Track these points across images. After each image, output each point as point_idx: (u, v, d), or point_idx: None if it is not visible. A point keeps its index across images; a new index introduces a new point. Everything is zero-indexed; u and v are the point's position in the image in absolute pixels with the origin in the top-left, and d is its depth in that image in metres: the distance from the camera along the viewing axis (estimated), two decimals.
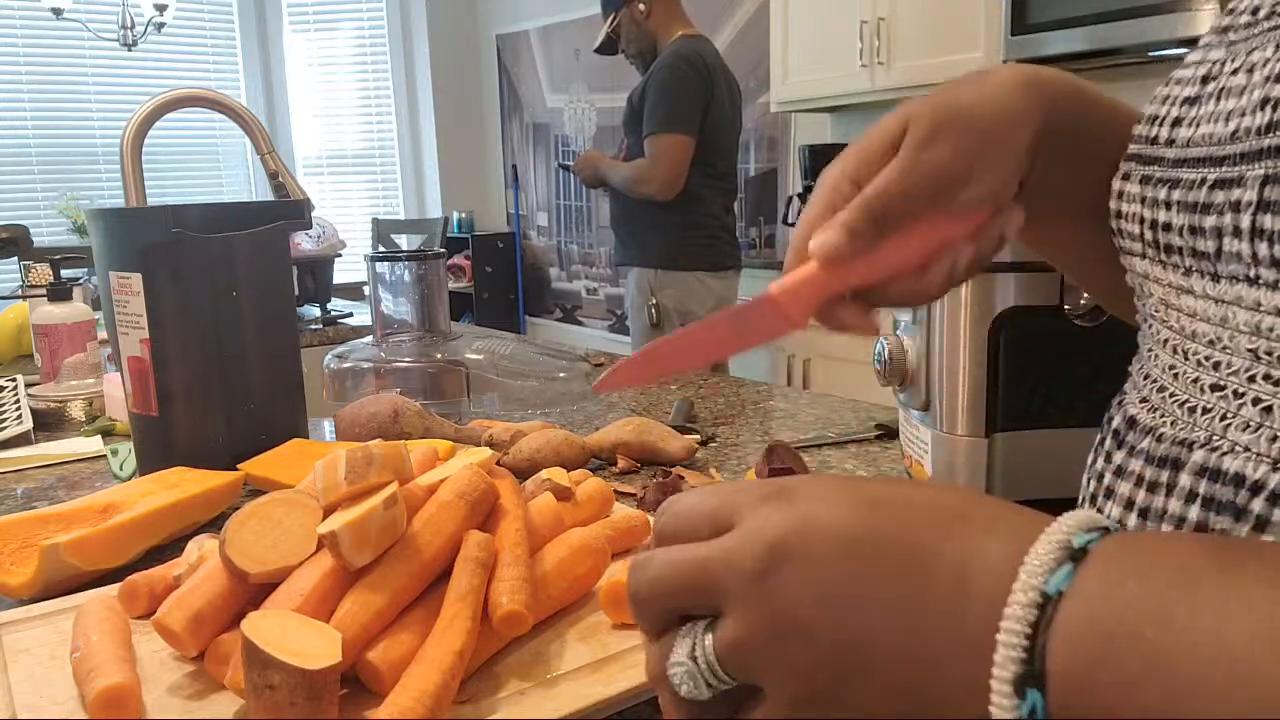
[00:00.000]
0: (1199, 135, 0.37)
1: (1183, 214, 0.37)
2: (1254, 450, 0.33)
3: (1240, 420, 0.34)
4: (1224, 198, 0.34)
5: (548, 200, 5.49)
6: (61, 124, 4.91)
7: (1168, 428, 0.38)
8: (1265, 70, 0.34)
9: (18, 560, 0.71)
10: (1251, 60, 0.35)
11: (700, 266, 2.69)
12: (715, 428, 1.13)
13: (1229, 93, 0.36)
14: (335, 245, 2.44)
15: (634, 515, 0.73)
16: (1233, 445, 0.34)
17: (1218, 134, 0.36)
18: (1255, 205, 0.32)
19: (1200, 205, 0.36)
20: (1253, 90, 0.34)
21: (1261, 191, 0.32)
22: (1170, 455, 0.37)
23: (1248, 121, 0.34)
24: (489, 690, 0.53)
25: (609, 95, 4.81)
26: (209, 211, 0.94)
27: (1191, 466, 0.35)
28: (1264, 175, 0.32)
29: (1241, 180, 0.34)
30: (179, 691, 0.54)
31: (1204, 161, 0.36)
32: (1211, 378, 0.36)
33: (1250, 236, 0.33)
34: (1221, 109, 0.36)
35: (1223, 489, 0.34)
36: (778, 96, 3.59)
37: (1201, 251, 0.36)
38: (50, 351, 1.37)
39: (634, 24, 2.71)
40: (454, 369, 1.25)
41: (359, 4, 5.55)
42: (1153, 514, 0.37)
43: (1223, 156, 0.35)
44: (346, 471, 0.57)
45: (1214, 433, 0.35)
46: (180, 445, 0.94)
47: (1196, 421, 0.36)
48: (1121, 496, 0.39)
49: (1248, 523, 0.33)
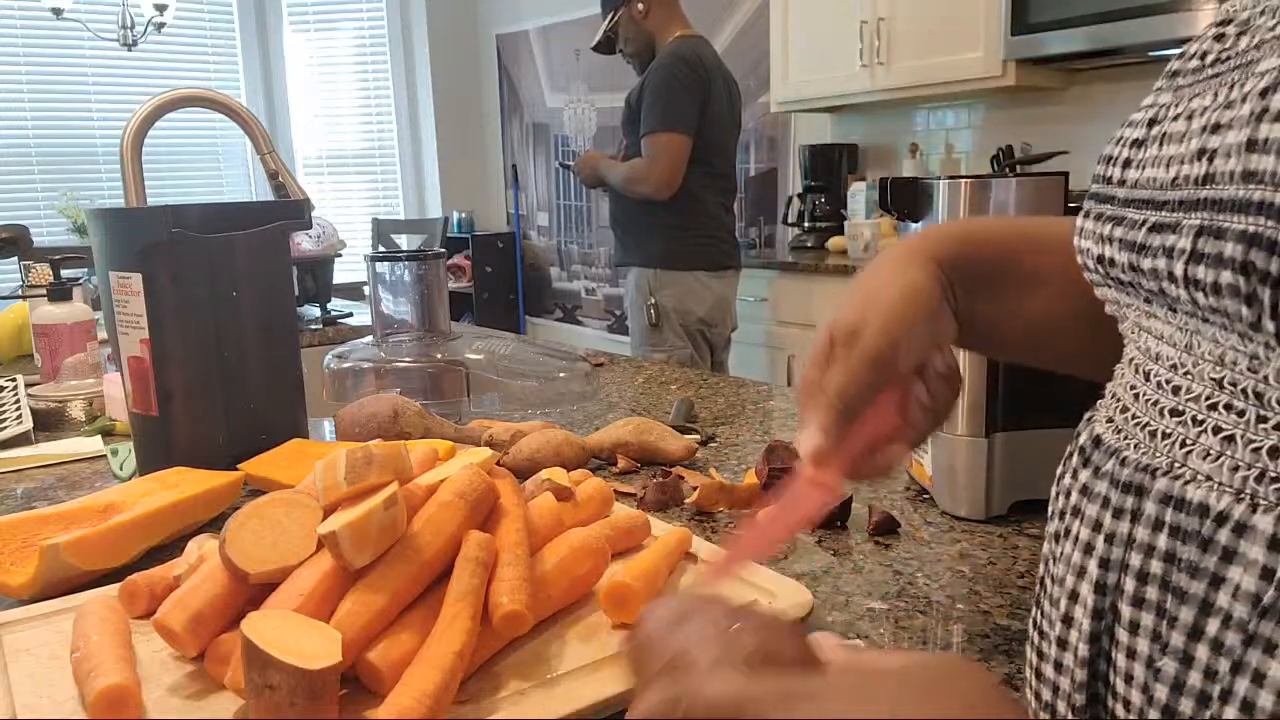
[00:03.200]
0: (1144, 178, 0.39)
1: (1124, 251, 0.39)
2: (1216, 480, 0.34)
3: (1200, 448, 0.35)
4: (1159, 241, 0.36)
5: (548, 200, 5.49)
6: (61, 124, 4.91)
7: (1131, 451, 0.39)
8: (1203, 119, 0.36)
9: (18, 560, 0.71)
10: (1192, 107, 0.37)
11: (699, 266, 2.69)
12: (715, 428, 1.13)
13: (1170, 138, 0.38)
14: (335, 245, 2.44)
15: (634, 515, 0.73)
16: (1194, 474, 0.35)
17: (1159, 178, 0.38)
18: (1188, 255, 0.34)
19: (1138, 246, 0.38)
20: (1191, 138, 0.36)
21: (1195, 242, 0.34)
22: (1134, 481, 0.37)
23: (1186, 170, 0.36)
24: (489, 690, 0.53)
25: (609, 95, 4.81)
26: (209, 211, 0.94)
27: (1156, 494, 0.36)
28: (1199, 226, 0.34)
29: (1177, 227, 0.35)
30: (179, 691, 0.54)
31: (1147, 204, 0.38)
32: (1170, 402, 0.37)
33: (1185, 284, 0.34)
34: (1164, 154, 0.38)
35: (1188, 519, 0.34)
36: (778, 96, 3.59)
37: (1148, 289, 0.38)
38: (50, 351, 1.38)
39: (632, 24, 2.71)
40: (454, 369, 1.25)
41: (359, 4, 5.55)
42: (1118, 540, 0.38)
43: (1163, 201, 0.37)
44: (346, 471, 0.57)
45: (1175, 459, 0.36)
46: (180, 445, 0.94)
47: (1158, 447, 0.37)
48: (1089, 518, 0.40)
49: (1215, 553, 0.33)
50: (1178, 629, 0.34)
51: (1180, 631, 0.34)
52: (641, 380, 1.43)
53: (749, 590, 0.64)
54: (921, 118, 3.51)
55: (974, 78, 2.89)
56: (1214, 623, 0.33)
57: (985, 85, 2.89)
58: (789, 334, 3.25)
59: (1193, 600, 0.34)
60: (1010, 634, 0.61)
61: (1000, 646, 0.59)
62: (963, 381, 0.55)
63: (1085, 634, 0.39)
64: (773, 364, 3.34)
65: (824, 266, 3.09)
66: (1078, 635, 0.39)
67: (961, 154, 3.39)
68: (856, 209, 3.40)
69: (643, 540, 0.73)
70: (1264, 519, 0.32)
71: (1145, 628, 0.36)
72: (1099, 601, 0.38)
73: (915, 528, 0.79)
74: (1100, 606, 0.38)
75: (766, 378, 3.23)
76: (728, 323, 2.84)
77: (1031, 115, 3.13)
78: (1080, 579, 0.40)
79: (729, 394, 1.31)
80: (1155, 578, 0.36)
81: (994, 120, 3.27)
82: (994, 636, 0.61)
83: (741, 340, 3.10)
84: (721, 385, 1.37)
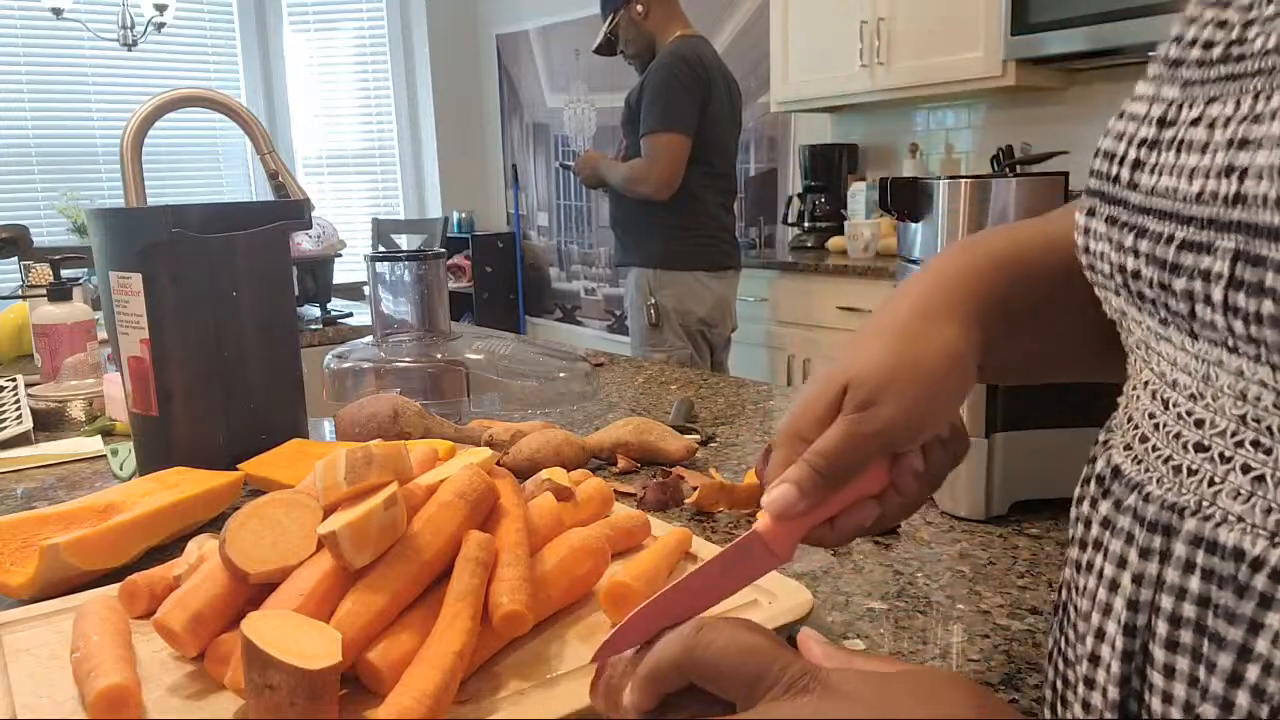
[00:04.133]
0: (1162, 186, 0.37)
1: (1152, 267, 0.36)
2: (1249, 522, 0.33)
3: (1230, 487, 0.34)
4: (1193, 262, 0.34)
5: (548, 200, 5.49)
6: (61, 124, 4.91)
7: (1154, 486, 0.37)
8: (1228, 132, 0.34)
9: (18, 560, 0.71)
10: (1211, 114, 0.35)
11: (700, 266, 2.69)
12: (715, 428, 1.13)
13: (1189, 146, 0.36)
14: (335, 245, 2.44)
15: (634, 515, 0.73)
16: (1225, 515, 0.34)
17: (1182, 190, 0.35)
18: (1227, 281, 0.32)
19: (1170, 264, 0.35)
20: (1215, 151, 0.34)
21: (1233, 267, 0.32)
22: (1161, 520, 0.36)
23: (1213, 185, 0.34)
24: (489, 690, 0.53)
25: (609, 95, 4.81)
26: (209, 211, 0.94)
27: (1185, 535, 0.35)
28: (1235, 250, 0.32)
29: (1211, 248, 0.33)
30: (179, 691, 0.54)
31: (1170, 217, 0.36)
32: (1194, 435, 0.36)
33: (1224, 310, 0.33)
34: (1183, 163, 0.36)
35: (1222, 563, 0.34)
36: (778, 96, 3.59)
37: (1175, 310, 0.36)
38: (50, 351, 1.37)
39: (632, 25, 2.72)
40: (454, 369, 1.25)
41: (359, 4, 5.55)
42: (1147, 581, 0.37)
43: (1189, 216, 0.35)
44: (346, 471, 0.57)
45: (1203, 498, 0.35)
46: (180, 445, 0.94)
47: (1183, 483, 0.36)
48: (1114, 554, 0.39)
49: (1252, 599, 0.32)
50: (1216, 674, 0.33)
51: (1219, 678, 0.33)
52: (641, 380, 1.43)
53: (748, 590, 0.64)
54: (921, 118, 3.51)
55: (974, 78, 2.89)
56: (1254, 669, 0.32)
57: (985, 85, 2.89)
58: (789, 334, 3.25)
59: (1231, 646, 0.33)
60: (1010, 634, 0.61)
61: (1000, 647, 0.59)
62: (969, 445, 0.50)
63: (1115, 676, 0.38)
64: (773, 364, 3.34)
65: (824, 267, 3.09)
66: (1105, 676, 0.39)
67: (961, 154, 3.39)
68: (856, 209, 3.40)
69: (643, 540, 0.73)
70: None
71: (1181, 672, 0.35)
72: (1129, 644, 0.38)
73: (915, 528, 0.79)
74: (1130, 649, 0.37)
75: (766, 378, 3.23)
76: (728, 323, 2.84)
77: (1031, 115, 3.13)
78: (1106, 617, 0.39)
79: (729, 394, 1.31)
80: (1190, 621, 0.35)
81: (994, 120, 3.27)
82: (994, 636, 0.61)
83: (741, 340, 3.10)
84: (721, 385, 1.37)
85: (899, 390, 0.44)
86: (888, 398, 0.44)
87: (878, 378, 0.44)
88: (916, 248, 0.92)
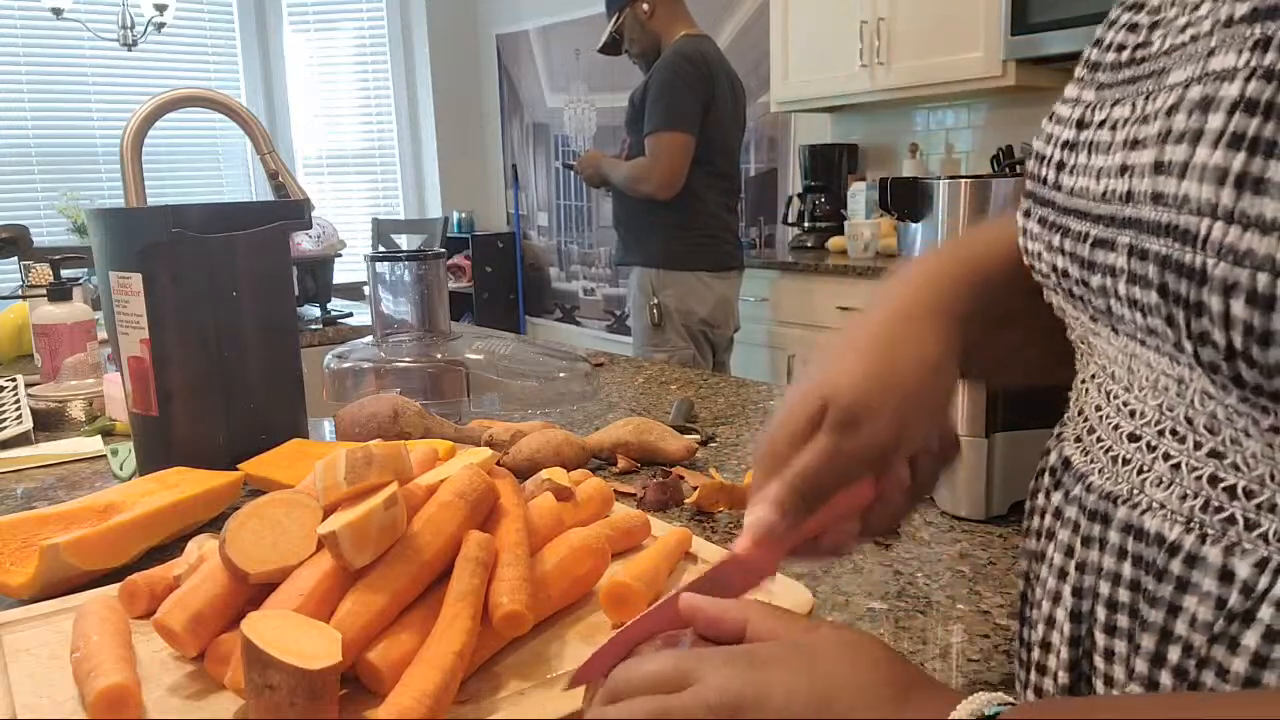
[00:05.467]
0: (1078, 186, 0.38)
1: (1075, 265, 0.37)
2: (1169, 509, 0.34)
3: (1155, 475, 0.35)
4: (1102, 259, 0.35)
5: (548, 200, 5.49)
6: (61, 124, 4.91)
7: (1096, 476, 0.39)
8: (1125, 132, 0.35)
9: (18, 560, 0.71)
10: (1115, 115, 0.36)
11: (702, 266, 2.69)
12: (715, 428, 1.13)
13: (1096, 148, 0.37)
14: (335, 245, 2.44)
15: (634, 515, 0.73)
16: (1150, 502, 0.35)
17: (1092, 189, 0.36)
18: (1128, 276, 0.33)
19: (1086, 262, 0.36)
20: (1115, 151, 0.35)
21: (1129, 262, 0.33)
22: (1099, 509, 0.37)
23: (1112, 184, 0.35)
24: (489, 690, 0.53)
25: (609, 95, 4.81)
26: (209, 211, 0.94)
27: (1118, 523, 0.36)
28: (1129, 245, 0.33)
29: (1114, 245, 0.34)
30: (179, 691, 0.54)
31: (1085, 216, 0.37)
32: (1128, 425, 0.37)
33: (1127, 304, 0.34)
34: (1093, 164, 0.37)
35: (1147, 549, 0.35)
36: (778, 96, 3.59)
37: (1096, 306, 0.37)
38: (50, 351, 1.37)
39: (637, 24, 2.71)
40: (454, 369, 1.25)
41: (359, 4, 5.55)
42: (1089, 568, 0.38)
43: (1098, 215, 0.36)
44: (346, 471, 0.57)
45: (1134, 486, 0.36)
46: (180, 445, 0.94)
47: (1119, 473, 0.37)
48: (1062, 543, 0.40)
49: (1170, 584, 0.33)
50: (1141, 656, 0.34)
51: (1144, 659, 0.34)
52: (641, 380, 1.43)
53: None
54: (921, 118, 3.51)
55: (974, 78, 2.89)
56: (1175, 650, 0.33)
57: (985, 85, 2.89)
58: (790, 334, 3.25)
59: (1153, 628, 0.34)
60: (1010, 634, 0.61)
61: (1000, 647, 0.59)
62: (960, 449, 0.49)
63: (1064, 661, 0.39)
64: (774, 364, 3.34)
65: (824, 266, 3.09)
66: (1056, 661, 0.40)
67: (961, 154, 3.39)
68: (856, 209, 3.40)
69: (643, 540, 0.73)
70: (1213, 550, 0.32)
71: (1120, 655, 0.36)
72: (1075, 629, 0.39)
73: (915, 528, 0.79)
74: (1077, 634, 0.38)
75: (768, 378, 3.23)
76: (730, 323, 2.84)
77: (1031, 115, 3.13)
78: (1056, 605, 0.40)
79: (729, 394, 1.31)
80: (1124, 606, 0.36)
81: (994, 120, 3.27)
82: (994, 636, 0.61)
83: (742, 340, 3.10)
84: (722, 385, 1.37)
85: (879, 407, 0.43)
86: (868, 416, 0.42)
87: (856, 394, 0.43)
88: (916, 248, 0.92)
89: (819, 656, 0.35)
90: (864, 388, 0.43)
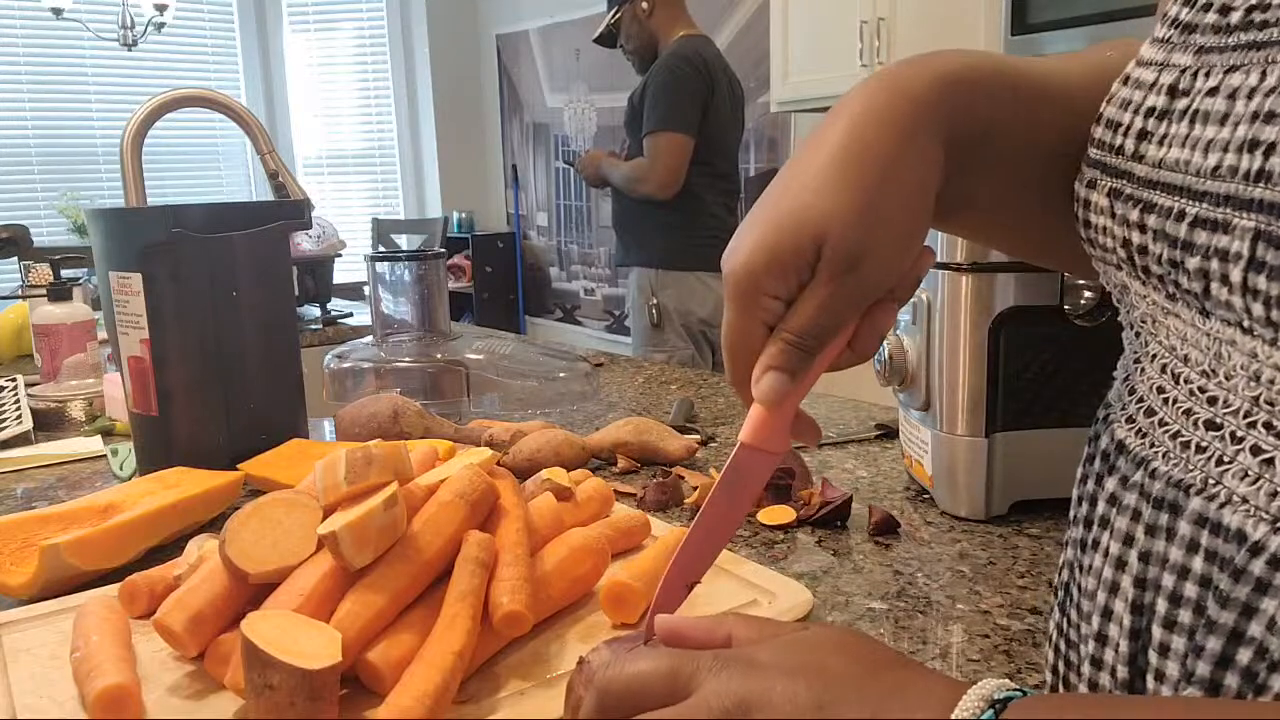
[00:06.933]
0: (1171, 158, 0.35)
1: (1161, 243, 0.35)
2: (1253, 504, 0.32)
3: (1238, 467, 0.33)
4: (1208, 240, 0.32)
5: (548, 200, 5.49)
6: (61, 124, 4.91)
7: (1160, 462, 0.36)
8: (1253, 104, 0.32)
9: (18, 560, 0.71)
10: (1232, 83, 0.33)
11: (702, 267, 2.69)
12: (715, 428, 1.13)
13: (1206, 117, 0.34)
14: (335, 245, 2.44)
15: (634, 515, 0.73)
16: (1230, 495, 0.33)
17: (1195, 163, 0.34)
18: (1247, 262, 0.31)
19: (1181, 241, 0.34)
20: (1237, 123, 0.32)
21: (1254, 248, 0.31)
22: (1167, 497, 0.35)
23: (1231, 160, 0.32)
24: (489, 690, 0.53)
25: (609, 95, 4.81)
26: (209, 211, 0.94)
27: (1190, 514, 0.34)
28: (1255, 230, 0.31)
29: (1229, 227, 0.32)
30: (179, 691, 0.54)
31: (1181, 191, 0.34)
32: (1206, 412, 0.34)
33: (1242, 292, 0.31)
34: (1198, 135, 0.34)
35: (1224, 545, 0.32)
36: (778, 96, 3.59)
37: (1187, 288, 0.34)
38: (50, 351, 1.37)
39: (635, 21, 2.71)
40: (454, 369, 1.25)
41: (359, 4, 5.55)
42: (1154, 559, 0.36)
43: (1203, 191, 0.33)
44: (346, 471, 0.57)
45: (1210, 476, 0.34)
46: (180, 445, 0.94)
47: (1190, 460, 0.35)
48: (1120, 532, 0.38)
49: (1248, 584, 0.31)
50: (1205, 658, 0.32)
51: (1208, 661, 0.32)
52: (641, 380, 1.43)
53: (748, 590, 0.64)
54: None
55: None
56: (1246, 652, 0.31)
57: None
58: None
59: (1221, 630, 0.32)
60: (1010, 634, 0.61)
61: (1000, 647, 0.59)
62: (934, 258, 0.44)
63: (1123, 655, 0.37)
64: None
65: None
66: (1114, 655, 0.38)
67: None
68: None
69: (642, 540, 0.73)
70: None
71: (1174, 650, 0.34)
72: (1136, 622, 0.37)
73: (915, 528, 0.79)
74: (1138, 627, 0.37)
75: None
76: None
77: None
78: (1114, 596, 0.38)
79: (729, 394, 1.31)
80: (1189, 601, 0.34)
81: None
82: (994, 636, 0.61)
83: None
84: (721, 385, 1.37)
85: (880, 242, 0.39)
86: (869, 254, 0.39)
87: (857, 232, 0.38)
88: None
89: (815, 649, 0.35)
90: (864, 224, 0.39)
